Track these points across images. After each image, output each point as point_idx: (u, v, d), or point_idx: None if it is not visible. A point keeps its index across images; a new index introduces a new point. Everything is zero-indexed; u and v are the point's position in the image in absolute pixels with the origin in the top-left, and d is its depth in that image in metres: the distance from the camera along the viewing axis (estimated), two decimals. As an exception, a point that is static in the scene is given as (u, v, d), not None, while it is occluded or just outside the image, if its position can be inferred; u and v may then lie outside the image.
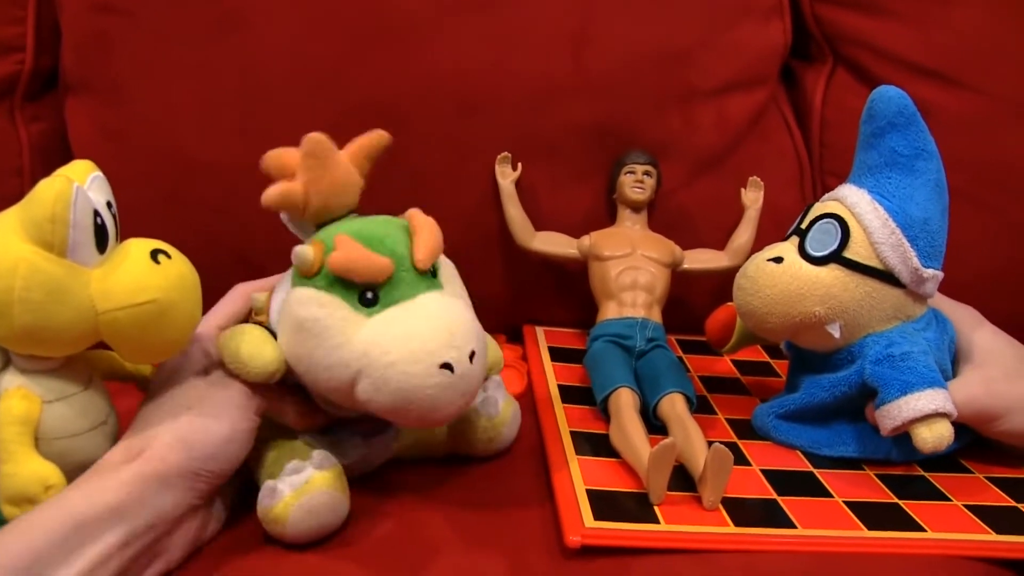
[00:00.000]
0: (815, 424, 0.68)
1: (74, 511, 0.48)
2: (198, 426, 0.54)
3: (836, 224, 0.64)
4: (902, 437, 0.62)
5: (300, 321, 0.54)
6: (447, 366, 0.53)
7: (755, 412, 0.72)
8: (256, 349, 0.56)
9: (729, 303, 0.76)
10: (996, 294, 0.80)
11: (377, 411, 0.54)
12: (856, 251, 0.63)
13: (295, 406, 0.60)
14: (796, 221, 0.68)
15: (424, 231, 0.56)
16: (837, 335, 0.64)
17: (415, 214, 0.58)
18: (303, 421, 0.60)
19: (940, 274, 0.64)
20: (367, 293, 0.54)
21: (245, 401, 0.57)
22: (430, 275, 0.57)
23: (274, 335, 0.57)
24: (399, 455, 0.65)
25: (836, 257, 0.63)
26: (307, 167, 0.57)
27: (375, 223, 0.57)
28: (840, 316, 0.64)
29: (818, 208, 0.66)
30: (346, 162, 0.59)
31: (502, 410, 0.66)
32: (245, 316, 0.62)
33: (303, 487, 0.54)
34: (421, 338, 0.53)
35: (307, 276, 0.55)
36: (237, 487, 0.59)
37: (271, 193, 0.56)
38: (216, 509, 0.57)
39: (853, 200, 0.64)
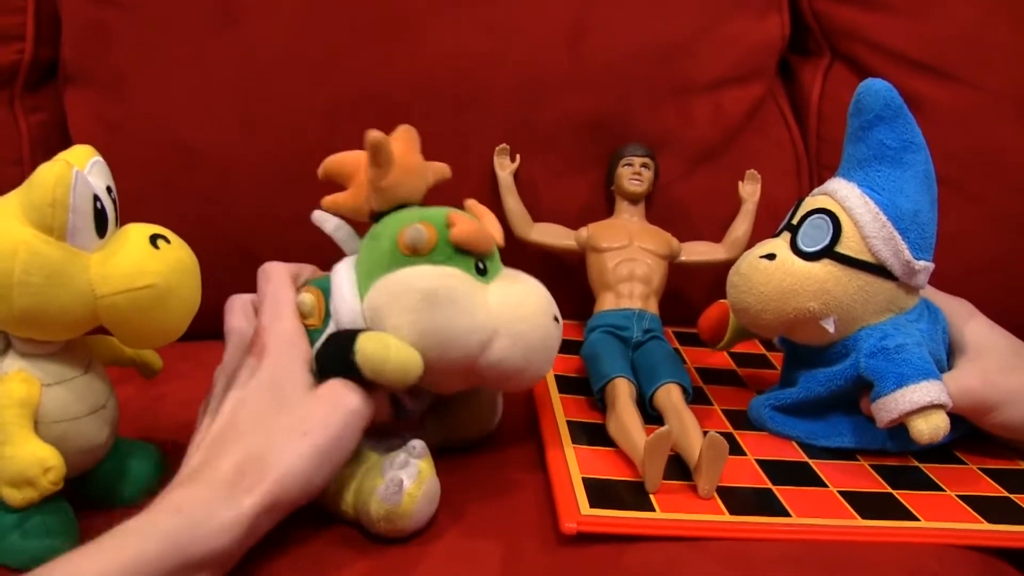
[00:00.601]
0: (811, 416, 0.68)
1: (181, 543, 0.45)
2: (318, 456, 0.52)
3: (827, 219, 0.64)
4: (897, 428, 0.62)
5: (430, 293, 0.56)
6: (556, 319, 0.60)
7: (751, 404, 0.72)
8: (404, 351, 0.55)
9: (722, 300, 0.76)
10: (988, 286, 0.80)
11: (503, 372, 0.58)
12: (848, 245, 0.63)
13: (386, 399, 0.59)
14: (787, 216, 0.68)
15: (490, 215, 0.63)
16: (831, 330, 0.64)
17: (474, 203, 0.64)
18: (386, 413, 0.60)
19: (931, 265, 0.65)
20: (480, 264, 0.59)
21: (361, 419, 0.55)
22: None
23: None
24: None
25: (828, 252, 0.64)
26: (400, 143, 0.61)
27: (448, 209, 0.60)
28: (834, 311, 0.64)
29: (809, 203, 0.66)
30: (424, 165, 0.63)
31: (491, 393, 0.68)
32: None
33: (419, 477, 0.55)
34: (538, 297, 0.60)
35: (419, 254, 0.57)
36: None
37: (375, 139, 0.58)
38: None
39: (844, 194, 0.64)
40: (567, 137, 0.86)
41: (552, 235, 0.85)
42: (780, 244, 0.66)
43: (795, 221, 0.66)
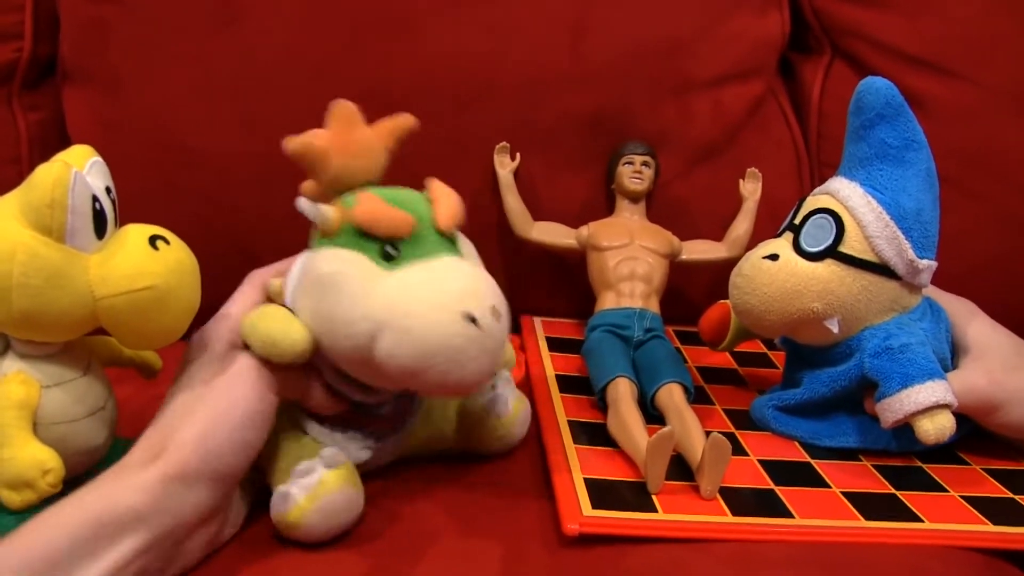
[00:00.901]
0: (814, 416, 0.68)
1: (96, 513, 0.47)
2: (213, 418, 0.53)
3: (830, 219, 0.64)
4: (901, 427, 0.62)
5: (321, 277, 0.54)
6: (471, 319, 0.51)
7: (753, 404, 0.72)
8: (283, 326, 0.54)
9: (722, 300, 0.76)
10: (990, 284, 0.80)
11: (397, 372, 0.52)
12: (851, 245, 0.63)
13: (321, 388, 0.58)
14: (789, 216, 0.68)
15: (444, 196, 0.57)
16: (835, 330, 0.64)
17: (434, 181, 0.58)
18: (328, 404, 0.58)
19: (935, 264, 0.65)
20: (388, 248, 0.54)
21: (257, 378, 0.54)
22: (450, 243, 0.57)
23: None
24: (407, 454, 0.64)
25: (832, 252, 0.63)
26: (333, 127, 0.57)
27: (397, 190, 0.58)
28: (838, 311, 0.64)
29: (811, 203, 0.66)
30: (371, 132, 0.59)
31: (513, 408, 0.65)
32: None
33: (316, 489, 0.53)
34: (444, 289, 0.52)
35: (327, 236, 0.55)
36: (256, 487, 0.58)
37: (295, 141, 0.56)
38: (234, 511, 0.56)
39: (846, 194, 0.64)
40: (568, 135, 0.86)
41: (553, 234, 0.85)
42: (783, 244, 0.66)
43: (797, 221, 0.66)
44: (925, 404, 0.60)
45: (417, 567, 0.53)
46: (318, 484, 0.53)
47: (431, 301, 0.52)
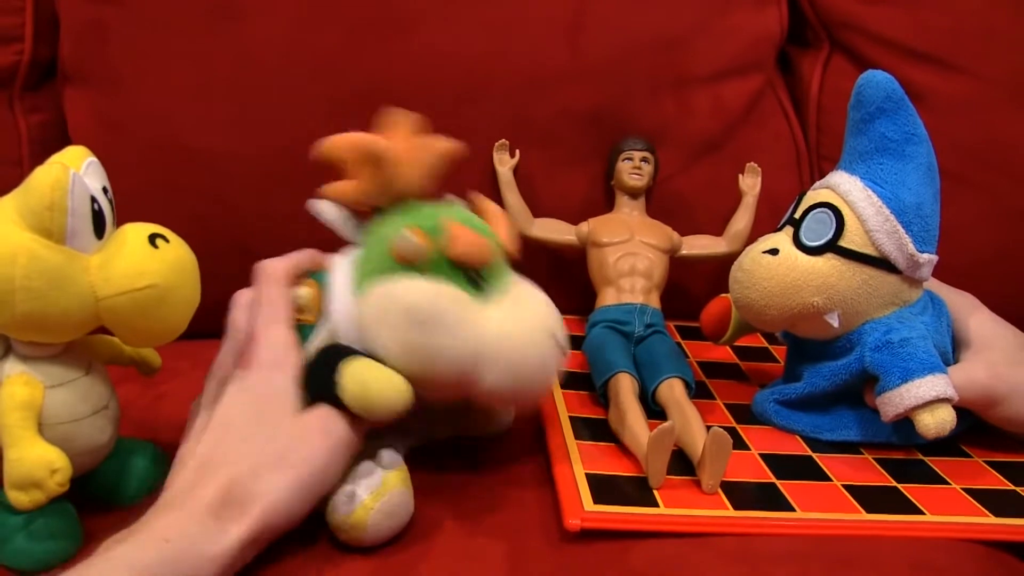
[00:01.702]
0: (815, 410, 0.68)
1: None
2: (301, 483, 0.51)
3: (830, 213, 0.64)
4: (903, 420, 0.62)
5: (416, 311, 0.53)
6: (557, 341, 0.56)
7: (755, 398, 0.72)
8: (389, 387, 0.53)
9: (723, 295, 0.76)
10: (991, 278, 0.80)
11: (494, 396, 0.55)
12: (851, 239, 0.63)
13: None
14: (789, 211, 0.68)
15: (501, 218, 0.59)
16: (836, 324, 0.64)
17: (484, 201, 0.60)
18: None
19: (935, 258, 0.65)
20: (475, 277, 0.55)
21: (349, 449, 0.54)
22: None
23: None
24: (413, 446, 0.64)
25: (832, 247, 0.63)
26: (392, 132, 0.59)
27: (457, 209, 0.58)
28: (838, 305, 0.64)
29: (811, 197, 0.66)
30: (424, 145, 0.60)
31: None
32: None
33: (379, 490, 0.53)
34: (538, 316, 0.56)
35: (410, 264, 0.54)
36: None
37: (360, 135, 0.56)
38: None
39: (846, 188, 0.64)
40: (567, 132, 0.86)
41: (552, 230, 0.85)
42: (783, 239, 0.66)
43: (797, 215, 0.66)
44: (925, 398, 0.60)
45: (421, 565, 0.54)
46: (381, 485, 0.53)
47: (527, 331, 0.55)
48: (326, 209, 0.59)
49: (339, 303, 0.56)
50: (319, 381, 0.54)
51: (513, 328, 0.54)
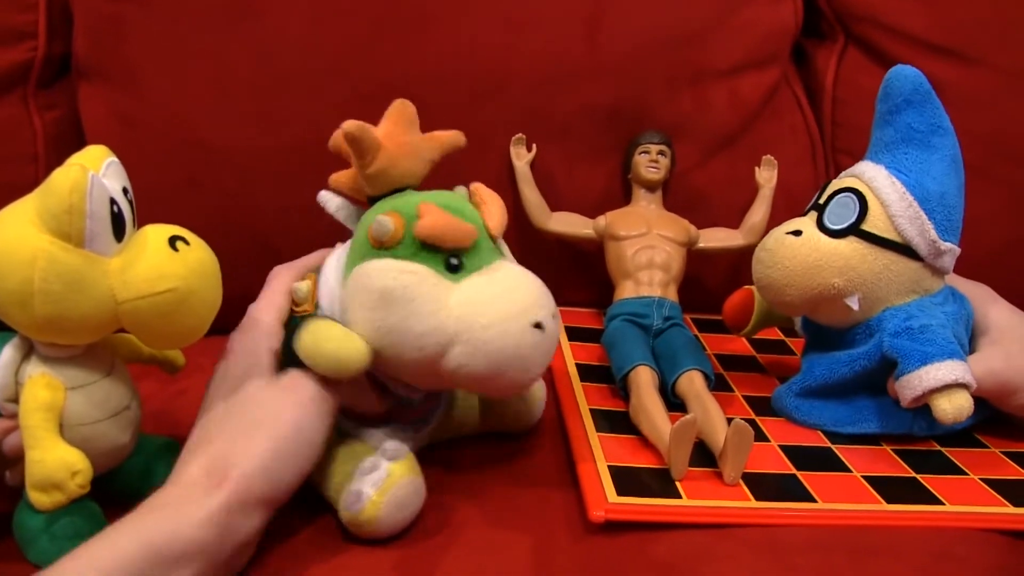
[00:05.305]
0: (835, 401, 0.68)
1: (156, 545, 0.46)
2: (276, 446, 0.52)
3: (854, 197, 0.64)
4: (923, 411, 0.62)
5: (386, 291, 0.53)
6: (538, 325, 0.53)
7: (775, 394, 0.72)
8: (347, 345, 0.53)
9: (746, 286, 0.76)
10: (1008, 269, 0.80)
11: (467, 379, 0.54)
12: (874, 224, 0.64)
13: (371, 391, 0.58)
14: (814, 197, 0.68)
15: (492, 201, 0.58)
16: (856, 307, 0.64)
17: (480, 187, 0.59)
18: (377, 404, 0.59)
19: (957, 249, 0.65)
20: (452, 260, 0.54)
21: (320, 406, 0.55)
22: (497, 246, 0.57)
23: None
24: (433, 440, 0.64)
25: (854, 230, 0.64)
26: (390, 123, 0.58)
27: (444, 194, 0.58)
28: (858, 288, 0.64)
29: (835, 184, 0.67)
30: (422, 138, 0.60)
31: (533, 388, 0.66)
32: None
33: (386, 483, 0.54)
34: (513, 299, 0.54)
35: (385, 247, 0.54)
36: None
37: (354, 123, 0.56)
38: None
39: (871, 175, 0.65)
40: (584, 126, 0.86)
41: (570, 224, 0.85)
42: (807, 222, 0.66)
43: (822, 201, 0.66)
44: (944, 381, 0.60)
45: (446, 558, 0.54)
46: (386, 477, 0.54)
47: (503, 312, 0.53)
48: (329, 199, 0.59)
49: (326, 289, 0.57)
50: (288, 346, 0.56)
51: (482, 308, 0.53)
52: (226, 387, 0.56)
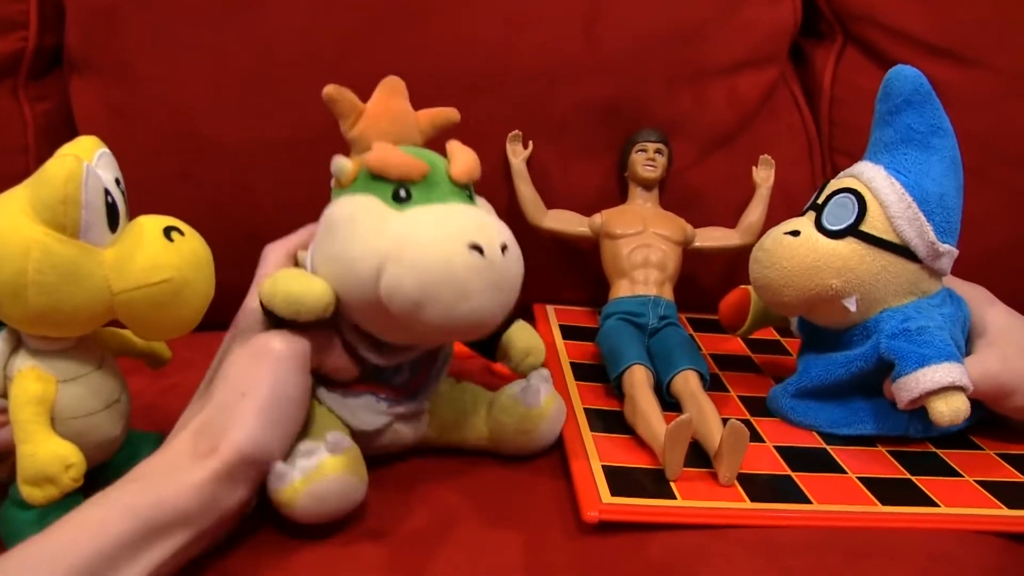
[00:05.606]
0: (831, 402, 0.68)
1: (144, 515, 0.47)
2: (258, 416, 0.52)
3: (853, 198, 0.64)
4: (919, 413, 0.62)
5: (330, 220, 0.55)
6: (477, 248, 0.51)
7: (770, 395, 0.72)
8: (303, 281, 0.54)
9: (742, 286, 0.76)
10: (1005, 271, 0.80)
11: (403, 307, 0.51)
12: (873, 225, 0.63)
13: (339, 349, 0.58)
14: (812, 197, 0.68)
15: (460, 151, 0.58)
16: (853, 308, 0.64)
17: (452, 141, 0.59)
18: (345, 367, 0.58)
19: (955, 251, 0.65)
20: (400, 191, 0.54)
21: (296, 367, 0.55)
22: (465, 196, 0.57)
23: None
24: (433, 439, 0.64)
25: (853, 230, 0.63)
26: (376, 93, 0.60)
27: (415, 147, 0.59)
28: (856, 289, 0.64)
29: (834, 184, 0.67)
30: (410, 108, 0.61)
31: (543, 403, 0.62)
32: None
33: (312, 473, 0.53)
34: (451, 223, 0.52)
35: (343, 186, 0.56)
36: None
37: (330, 86, 0.58)
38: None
39: (869, 175, 0.64)
40: (580, 123, 0.86)
41: (566, 222, 0.85)
42: (805, 222, 0.66)
43: (820, 200, 0.66)
44: (941, 383, 0.60)
45: (437, 556, 0.54)
46: (316, 468, 0.53)
47: (437, 234, 0.51)
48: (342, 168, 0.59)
49: (309, 252, 0.57)
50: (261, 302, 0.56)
51: (418, 228, 0.52)
52: (213, 364, 0.58)
